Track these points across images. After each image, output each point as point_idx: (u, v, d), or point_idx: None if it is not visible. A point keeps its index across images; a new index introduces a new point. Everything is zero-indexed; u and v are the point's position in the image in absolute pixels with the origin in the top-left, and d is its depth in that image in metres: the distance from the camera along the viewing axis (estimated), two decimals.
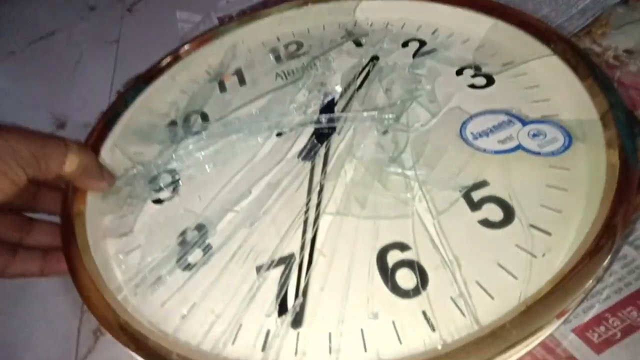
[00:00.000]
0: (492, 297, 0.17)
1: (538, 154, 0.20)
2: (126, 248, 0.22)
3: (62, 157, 0.21)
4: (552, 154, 0.20)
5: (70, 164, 0.21)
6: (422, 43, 0.31)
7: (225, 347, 0.17)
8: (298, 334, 0.17)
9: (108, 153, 0.26)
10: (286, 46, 0.35)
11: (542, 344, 0.19)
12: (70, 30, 0.53)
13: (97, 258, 0.21)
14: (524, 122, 0.22)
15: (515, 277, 0.17)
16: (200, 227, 0.22)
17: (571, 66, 0.24)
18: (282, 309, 0.18)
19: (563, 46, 0.25)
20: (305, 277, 0.19)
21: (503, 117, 0.23)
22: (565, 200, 0.20)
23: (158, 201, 0.25)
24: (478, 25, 0.30)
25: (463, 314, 0.17)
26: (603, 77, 0.22)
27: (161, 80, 0.32)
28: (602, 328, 0.19)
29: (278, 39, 0.36)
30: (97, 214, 0.24)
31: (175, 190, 0.25)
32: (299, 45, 0.34)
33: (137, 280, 0.20)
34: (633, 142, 0.19)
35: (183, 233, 0.22)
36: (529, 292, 0.16)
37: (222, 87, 0.32)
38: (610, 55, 0.28)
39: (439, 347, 0.15)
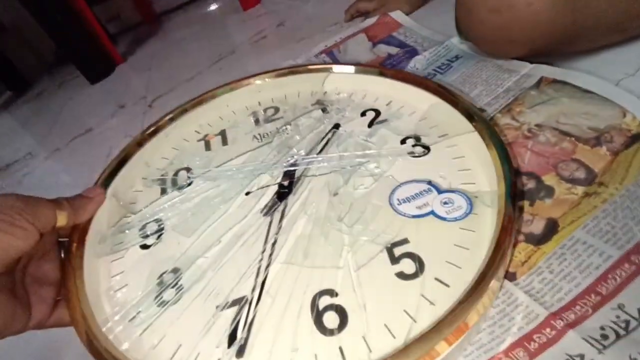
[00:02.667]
0: (394, 337, 0.21)
1: (444, 219, 0.25)
2: (116, 287, 0.27)
3: (52, 214, 0.25)
4: (455, 219, 0.25)
5: (61, 218, 0.26)
6: (378, 113, 0.37)
7: None
8: None
9: (107, 202, 0.32)
10: (265, 110, 0.41)
11: None
12: (104, 125, 0.65)
13: (90, 294, 0.26)
14: (439, 191, 0.27)
15: (415, 321, 0.22)
16: (175, 270, 0.27)
17: (485, 142, 0.29)
18: (231, 341, 0.23)
19: (480, 124, 0.30)
20: (252, 315, 0.24)
21: (425, 186, 0.28)
22: (467, 257, 0.24)
23: (145, 246, 0.30)
24: (422, 101, 0.36)
25: (370, 350, 0.21)
26: (503, 151, 0.27)
27: (157, 138, 0.38)
28: None
29: (259, 104, 0.42)
30: (92, 256, 0.29)
31: (159, 237, 0.30)
32: (276, 109, 0.40)
33: (121, 315, 0.25)
34: (514, 210, 0.24)
35: (162, 275, 0.27)
36: (415, 332, 0.21)
37: (208, 146, 0.38)
38: (525, 129, 0.33)
39: None
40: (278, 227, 0.28)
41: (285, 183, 0.31)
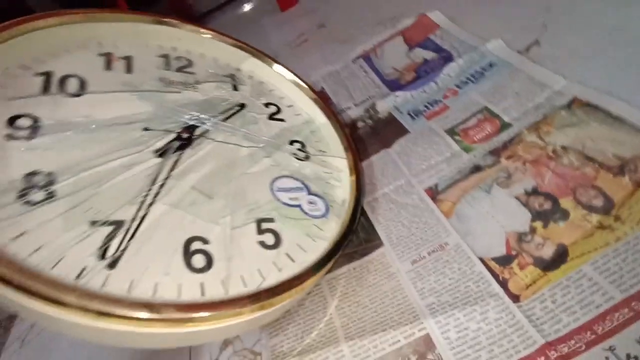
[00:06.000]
0: (246, 286, 0.27)
1: (306, 214, 0.33)
2: None
3: None
4: (314, 217, 0.34)
5: None
6: (278, 109, 0.43)
7: (44, 269, 0.22)
8: (108, 275, 0.24)
9: None
10: (178, 58, 0.41)
11: None
12: None
13: None
14: (309, 192, 0.35)
15: (264, 279, 0.28)
16: (50, 174, 0.26)
17: (350, 169, 0.39)
18: (103, 255, 0.24)
19: (351, 155, 0.40)
20: (129, 239, 0.26)
21: (299, 184, 0.35)
22: (312, 246, 0.32)
23: (11, 137, 0.27)
24: (318, 117, 0.43)
25: (226, 292, 0.26)
26: (360, 184, 0.37)
27: (52, 30, 0.34)
28: None
29: (174, 49, 0.42)
30: None
31: (32, 135, 0.28)
32: (189, 63, 0.41)
33: None
34: (353, 226, 0.34)
35: (32, 173, 0.26)
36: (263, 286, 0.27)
37: (108, 65, 0.36)
38: (550, 149, 0.33)
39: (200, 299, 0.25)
40: (169, 173, 0.30)
41: (185, 135, 0.33)
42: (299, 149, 0.40)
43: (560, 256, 0.27)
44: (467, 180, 0.36)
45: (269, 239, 0.31)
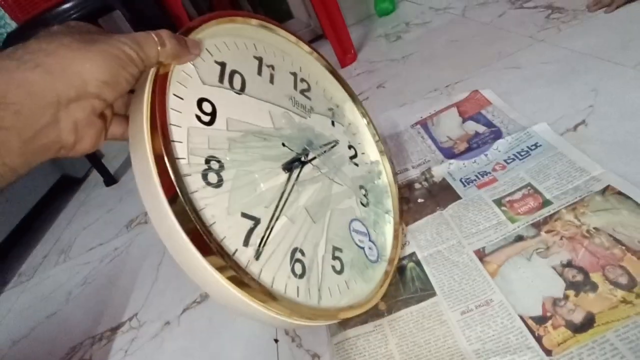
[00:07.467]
0: (321, 298, 0.35)
1: (367, 257, 0.42)
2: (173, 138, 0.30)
3: (156, 50, 0.29)
4: (370, 260, 0.42)
5: (164, 53, 0.30)
6: (356, 154, 0.50)
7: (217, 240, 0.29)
8: (249, 261, 0.31)
9: None
10: (302, 80, 0.47)
11: None
12: None
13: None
14: (370, 238, 0.44)
15: (331, 296, 0.36)
16: (220, 164, 0.32)
17: (394, 229, 0.47)
18: (246, 244, 0.31)
19: (398, 217, 0.48)
20: (267, 239, 0.33)
21: (365, 230, 0.44)
22: (362, 281, 0.41)
23: (198, 118, 0.32)
24: (382, 173, 0.52)
25: (310, 297, 0.34)
26: (400, 245, 0.46)
27: (233, 26, 0.39)
28: None
29: (300, 69, 0.47)
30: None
31: (210, 122, 0.33)
32: (308, 87, 0.47)
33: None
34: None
35: (210, 158, 0.32)
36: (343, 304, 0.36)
37: (259, 70, 0.41)
38: (584, 229, 0.38)
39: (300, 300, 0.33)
40: (291, 189, 0.37)
41: (303, 159, 0.40)
42: (364, 195, 0.47)
43: (588, 322, 0.32)
44: (511, 247, 0.40)
45: (337, 265, 0.39)
